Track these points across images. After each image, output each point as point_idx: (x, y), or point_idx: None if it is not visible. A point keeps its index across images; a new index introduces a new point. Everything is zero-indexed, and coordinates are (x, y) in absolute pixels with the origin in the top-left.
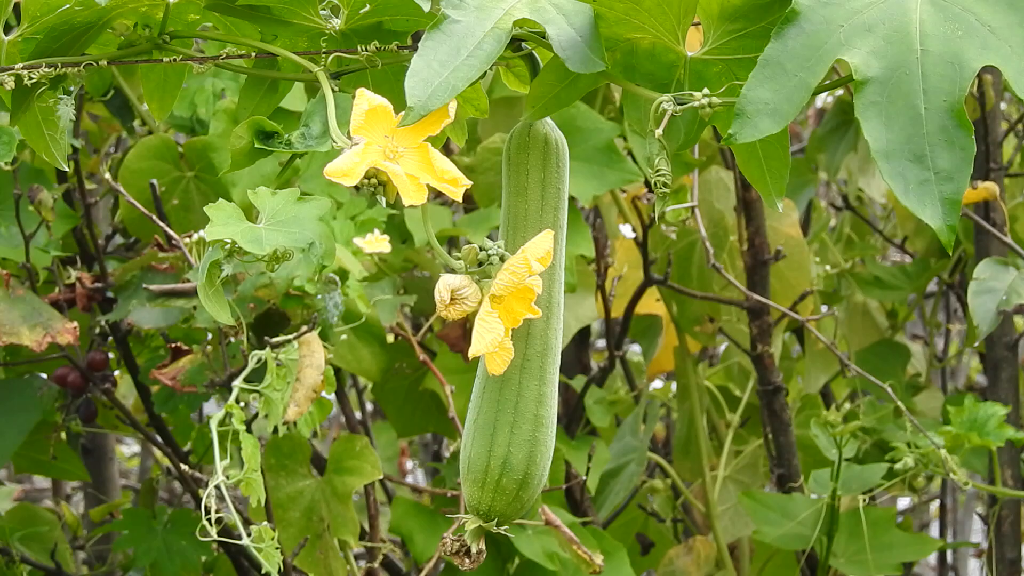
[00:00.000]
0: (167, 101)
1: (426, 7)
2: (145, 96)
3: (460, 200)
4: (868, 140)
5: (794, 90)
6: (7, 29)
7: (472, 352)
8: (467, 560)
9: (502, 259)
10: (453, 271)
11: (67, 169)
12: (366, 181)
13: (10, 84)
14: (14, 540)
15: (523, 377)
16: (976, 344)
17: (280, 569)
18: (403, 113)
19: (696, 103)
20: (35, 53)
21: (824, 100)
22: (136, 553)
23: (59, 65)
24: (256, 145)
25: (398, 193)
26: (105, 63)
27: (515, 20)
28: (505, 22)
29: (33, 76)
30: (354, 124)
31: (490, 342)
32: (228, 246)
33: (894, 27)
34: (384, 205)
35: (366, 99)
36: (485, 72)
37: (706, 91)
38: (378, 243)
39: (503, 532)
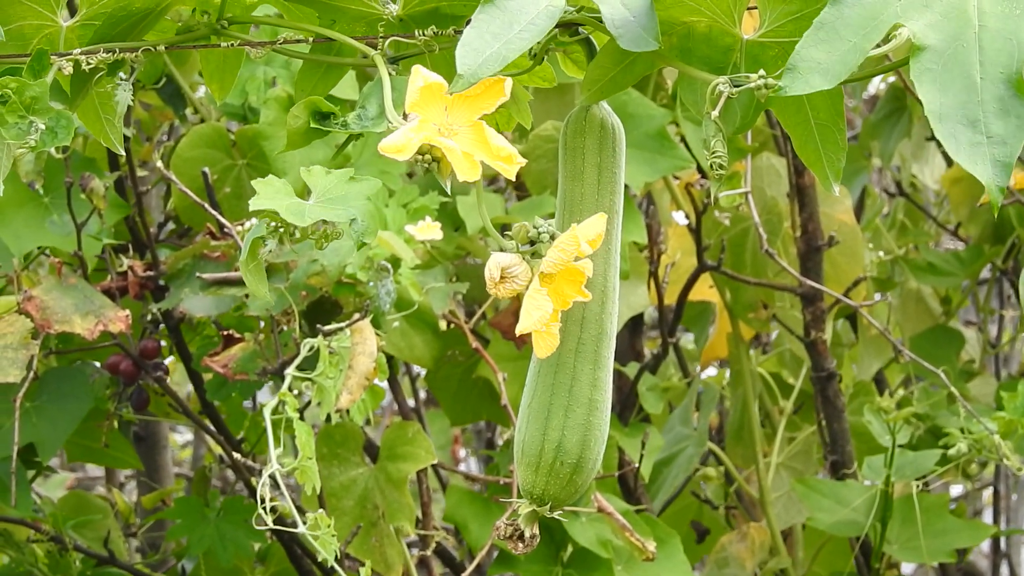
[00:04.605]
0: (227, 81)
1: None
2: (205, 77)
3: (514, 179)
4: (922, 101)
5: (848, 52)
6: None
7: (519, 329)
8: (521, 544)
9: (553, 237)
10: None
11: (123, 152)
12: (420, 157)
13: (68, 69)
14: (67, 528)
15: (577, 361)
16: None
17: (336, 557)
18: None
19: (752, 85)
20: (93, 39)
21: (877, 87)
22: (190, 541)
23: (117, 51)
24: (312, 125)
25: (452, 173)
26: (163, 48)
27: None
28: None
29: (91, 62)
30: (409, 101)
31: (538, 319)
32: (272, 222)
33: (951, 4)
34: (441, 183)
35: (421, 76)
36: (541, 57)
37: (762, 72)
38: (430, 230)
39: (557, 517)
